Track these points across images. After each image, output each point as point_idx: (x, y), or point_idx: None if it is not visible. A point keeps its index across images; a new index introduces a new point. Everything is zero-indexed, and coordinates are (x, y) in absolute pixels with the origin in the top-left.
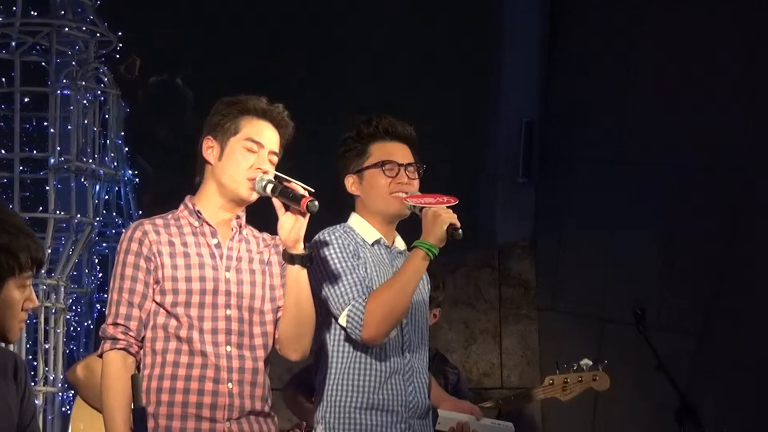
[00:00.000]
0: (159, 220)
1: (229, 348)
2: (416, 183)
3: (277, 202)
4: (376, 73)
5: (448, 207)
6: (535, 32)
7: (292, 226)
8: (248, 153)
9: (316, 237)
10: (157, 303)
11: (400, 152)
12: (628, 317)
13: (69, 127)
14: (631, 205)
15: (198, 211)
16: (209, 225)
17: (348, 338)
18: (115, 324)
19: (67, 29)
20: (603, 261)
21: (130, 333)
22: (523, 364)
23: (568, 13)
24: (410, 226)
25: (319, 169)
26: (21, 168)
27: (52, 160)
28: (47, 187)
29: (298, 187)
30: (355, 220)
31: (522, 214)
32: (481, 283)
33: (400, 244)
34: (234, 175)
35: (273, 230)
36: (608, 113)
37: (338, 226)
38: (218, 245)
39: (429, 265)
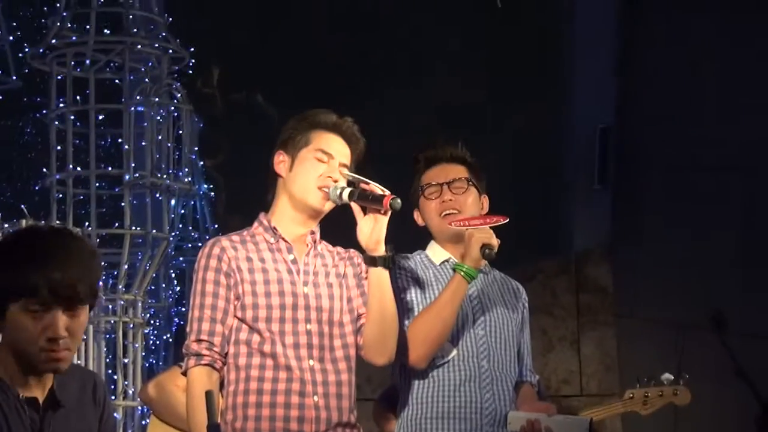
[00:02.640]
0: (235, 237)
1: (311, 362)
2: (466, 197)
3: (355, 207)
4: (450, 76)
5: (492, 227)
6: (611, 38)
7: (372, 228)
8: (318, 163)
9: None
10: (238, 318)
11: (442, 173)
12: (707, 323)
13: (143, 143)
14: (708, 209)
15: (274, 228)
16: (285, 241)
17: None
18: (199, 340)
19: (139, 46)
20: (681, 266)
21: (215, 348)
22: (602, 371)
23: (644, 18)
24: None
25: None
26: (97, 184)
27: (128, 176)
28: (123, 203)
29: (375, 188)
30: (430, 245)
31: (598, 220)
32: (558, 289)
33: (484, 262)
34: (305, 184)
35: (343, 243)
36: (683, 118)
37: (408, 254)
38: (294, 261)
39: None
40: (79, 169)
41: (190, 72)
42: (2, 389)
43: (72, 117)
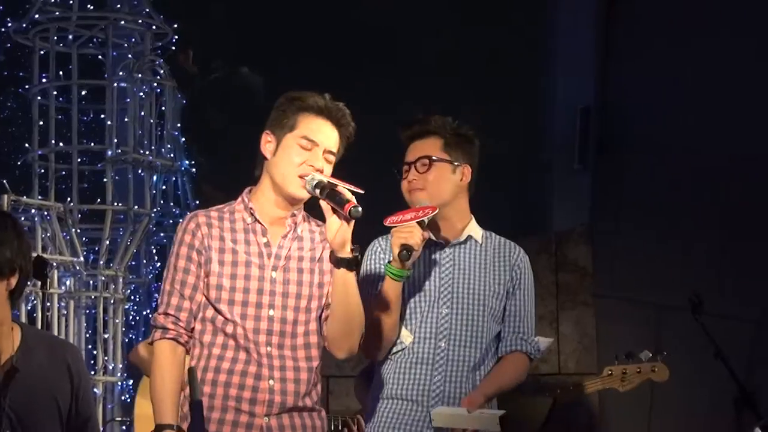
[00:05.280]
0: (214, 213)
1: (269, 348)
2: (427, 176)
3: (324, 204)
4: (430, 64)
5: (420, 220)
6: (591, 18)
7: (337, 229)
8: (302, 150)
9: None
10: (205, 297)
11: (414, 150)
12: (685, 304)
13: (126, 119)
14: (688, 190)
15: (251, 209)
16: (260, 223)
17: None
18: (166, 314)
19: (123, 22)
20: (660, 247)
21: (180, 323)
22: (580, 350)
23: None
24: None
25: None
26: (79, 160)
27: (110, 152)
28: (105, 179)
29: (345, 191)
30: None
31: (578, 200)
32: (538, 269)
33: (464, 234)
34: (285, 171)
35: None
36: (665, 99)
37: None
38: (267, 244)
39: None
40: (61, 144)
41: (173, 48)
42: None
43: (54, 92)
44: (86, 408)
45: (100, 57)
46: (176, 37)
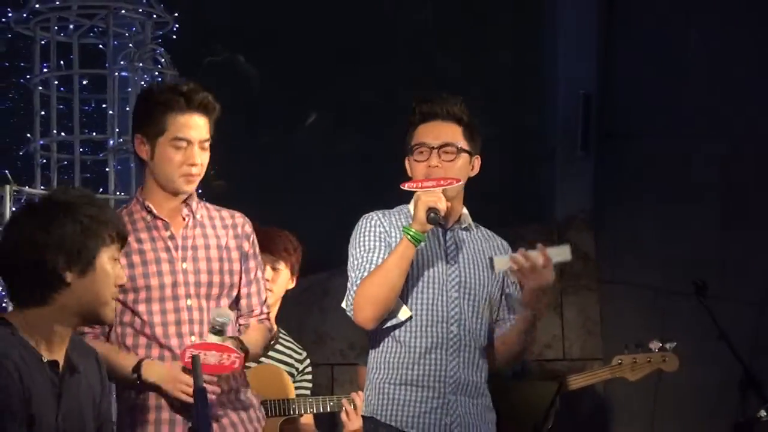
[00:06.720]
0: None
1: (193, 338)
2: (453, 165)
3: None
4: (434, 50)
5: (443, 189)
6: (593, 5)
7: None
8: (177, 151)
9: None
10: (120, 302)
11: (434, 133)
12: (688, 288)
13: (127, 108)
14: (690, 175)
15: (148, 206)
16: (160, 219)
17: None
18: None
19: (123, 11)
20: (663, 231)
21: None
22: (584, 336)
23: None
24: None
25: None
26: (81, 150)
27: (112, 142)
28: (107, 169)
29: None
30: (412, 201)
31: (581, 187)
32: None
33: (464, 220)
34: (167, 174)
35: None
36: (667, 85)
37: (388, 210)
38: (172, 236)
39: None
40: (63, 134)
41: (174, 37)
42: (28, 350)
43: (56, 82)
44: (107, 410)
45: (100, 46)
46: (177, 25)
